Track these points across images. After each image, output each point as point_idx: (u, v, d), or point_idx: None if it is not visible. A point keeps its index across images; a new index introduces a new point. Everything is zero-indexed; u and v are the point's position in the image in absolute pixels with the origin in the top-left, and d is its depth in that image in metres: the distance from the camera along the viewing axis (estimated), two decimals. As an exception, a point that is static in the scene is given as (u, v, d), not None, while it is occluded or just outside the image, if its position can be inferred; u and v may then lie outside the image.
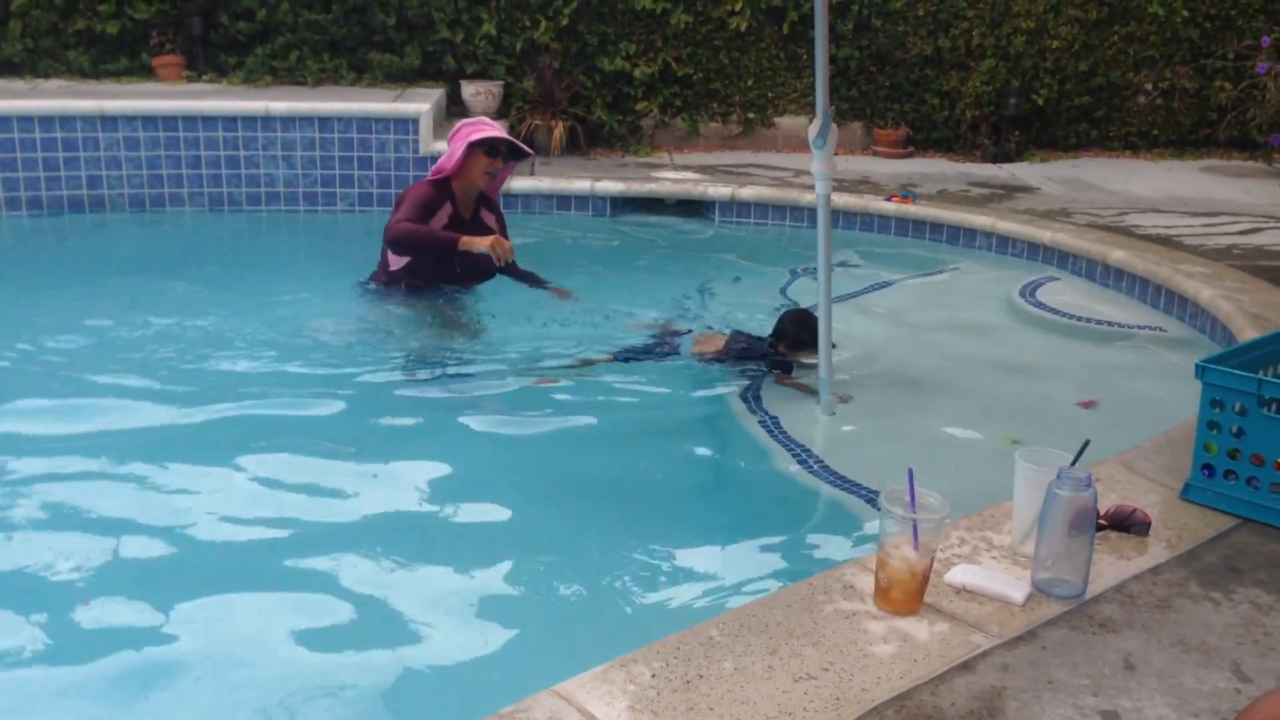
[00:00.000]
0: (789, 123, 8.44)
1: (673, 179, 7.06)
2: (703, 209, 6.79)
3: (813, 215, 5.40)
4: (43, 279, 5.33)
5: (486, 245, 4.24)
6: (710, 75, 8.31)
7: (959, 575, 2.13)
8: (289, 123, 6.57)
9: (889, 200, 6.45)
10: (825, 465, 3.40)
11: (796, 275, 5.56)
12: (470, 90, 7.67)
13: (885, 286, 5.50)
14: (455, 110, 7.68)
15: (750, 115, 8.42)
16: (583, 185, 6.80)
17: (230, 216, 6.56)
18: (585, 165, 7.51)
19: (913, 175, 7.51)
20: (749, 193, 6.74)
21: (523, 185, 6.74)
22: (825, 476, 3.33)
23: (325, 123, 6.62)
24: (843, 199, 6.43)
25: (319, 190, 6.69)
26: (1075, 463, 2.14)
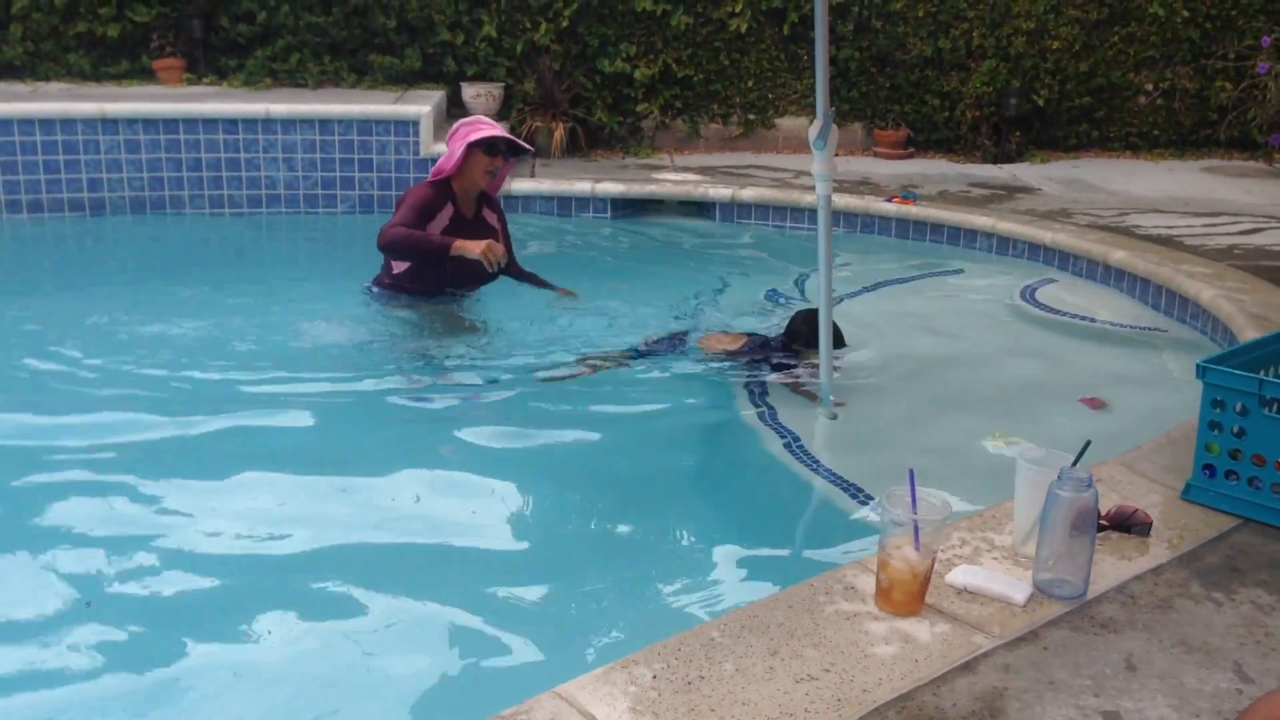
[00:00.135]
0: (789, 124, 8.44)
1: (673, 180, 7.06)
2: (704, 210, 6.80)
3: (813, 216, 5.41)
4: (44, 281, 5.34)
5: (478, 252, 4.21)
6: (711, 76, 8.32)
7: (960, 576, 2.13)
8: (289, 125, 6.58)
9: (890, 201, 6.44)
10: (827, 466, 3.40)
11: (806, 277, 5.56)
12: (471, 92, 7.68)
13: (885, 286, 5.50)
14: (456, 112, 7.67)
15: (751, 116, 8.43)
16: (583, 187, 6.80)
17: (231, 219, 6.57)
18: (586, 167, 7.51)
19: (913, 176, 7.51)
20: (750, 194, 6.74)
21: (524, 187, 6.74)
22: (827, 477, 3.33)
23: (326, 125, 6.62)
24: (843, 200, 6.43)
25: (319, 192, 6.70)
26: (1076, 463, 2.14)
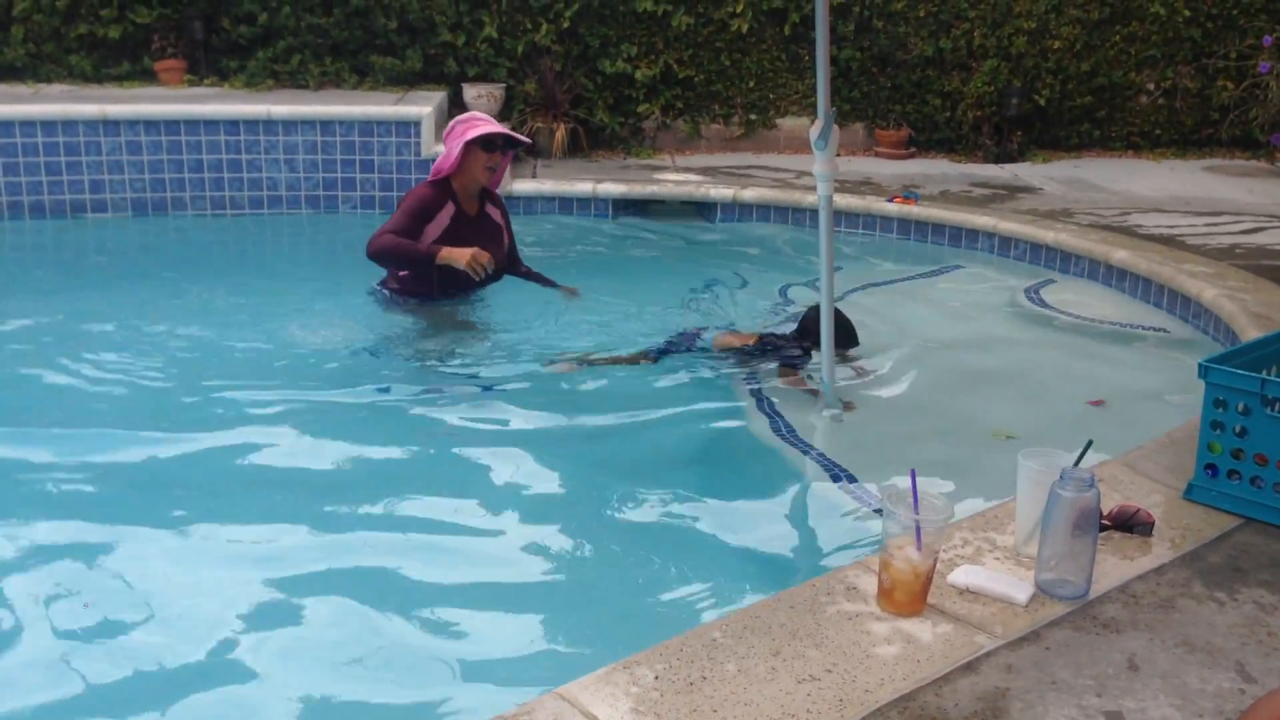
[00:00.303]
0: (790, 124, 8.44)
1: (675, 181, 7.06)
2: (705, 210, 6.80)
3: (814, 216, 5.41)
4: (45, 283, 5.34)
5: (465, 261, 4.19)
6: (712, 77, 8.32)
7: (962, 576, 2.13)
8: (290, 126, 6.58)
9: (891, 201, 6.44)
10: (829, 465, 3.40)
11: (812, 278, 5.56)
12: (472, 93, 7.68)
13: (885, 286, 5.50)
14: (457, 113, 7.60)
15: (752, 117, 8.43)
16: (585, 187, 6.80)
17: (232, 220, 6.57)
18: (587, 167, 7.51)
19: (915, 176, 7.51)
20: (751, 194, 6.74)
21: (525, 187, 6.74)
22: (829, 477, 3.33)
23: (327, 126, 6.62)
24: (845, 200, 6.43)
25: (321, 194, 6.70)
26: (1078, 463, 2.13)
